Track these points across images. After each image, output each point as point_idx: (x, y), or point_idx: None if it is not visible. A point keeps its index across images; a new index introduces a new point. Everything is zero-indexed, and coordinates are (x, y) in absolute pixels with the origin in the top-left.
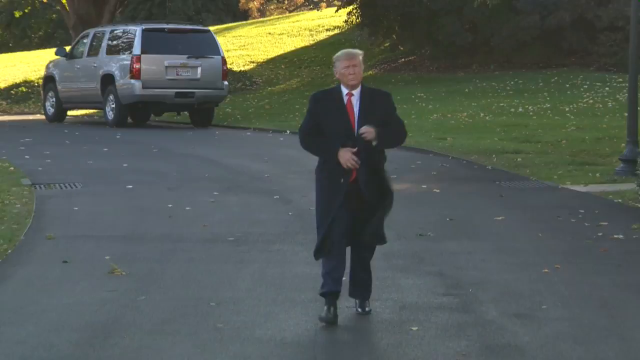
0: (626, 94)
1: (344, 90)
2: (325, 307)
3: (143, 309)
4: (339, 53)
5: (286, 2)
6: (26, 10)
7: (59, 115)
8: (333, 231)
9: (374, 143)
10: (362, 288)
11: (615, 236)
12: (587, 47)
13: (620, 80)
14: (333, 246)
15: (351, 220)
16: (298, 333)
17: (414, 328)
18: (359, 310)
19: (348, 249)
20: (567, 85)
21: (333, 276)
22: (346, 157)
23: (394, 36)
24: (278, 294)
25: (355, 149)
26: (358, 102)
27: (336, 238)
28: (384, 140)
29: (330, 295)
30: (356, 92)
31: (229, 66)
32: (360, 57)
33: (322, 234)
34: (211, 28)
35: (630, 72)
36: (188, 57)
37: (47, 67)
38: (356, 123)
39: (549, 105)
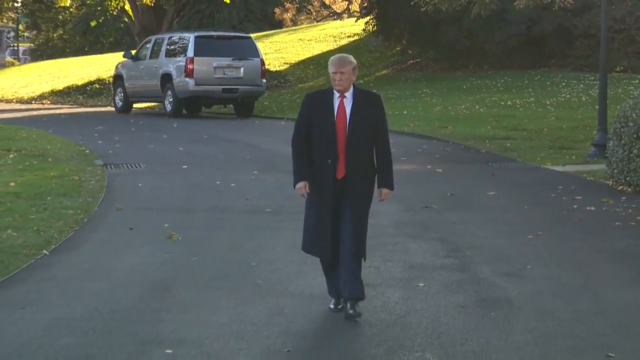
0: (597, 90)
1: (337, 94)
2: (334, 301)
3: (195, 269)
4: (332, 58)
5: (314, 13)
6: (100, 21)
7: (126, 108)
8: (319, 230)
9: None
10: (354, 287)
11: (588, 208)
12: (565, 51)
13: (592, 78)
14: (316, 244)
15: (336, 217)
16: (324, 288)
17: (421, 284)
18: (350, 311)
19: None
20: (548, 83)
21: (332, 285)
22: (300, 188)
23: (403, 42)
24: (307, 256)
25: (305, 188)
26: (350, 104)
27: (322, 236)
28: (392, 181)
29: (336, 298)
30: (348, 95)
31: (266, 67)
32: (350, 66)
33: (307, 232)
34: (252, 35)
35: (600, 72)
36: (233, 59)
37: (117, 67)
38: (347, 123)
39: (533, 100)
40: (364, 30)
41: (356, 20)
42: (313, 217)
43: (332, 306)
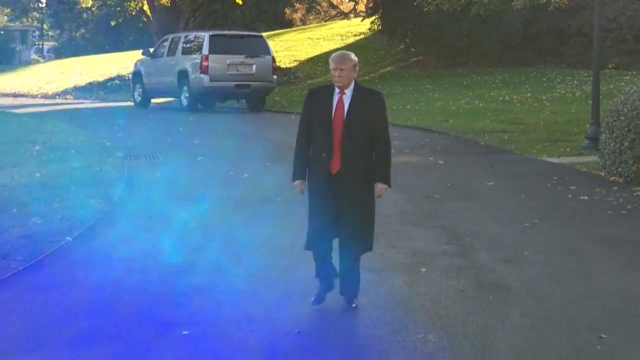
0: (590, 86)
1: (337, 89)
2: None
3: (211, 254)
4: (333, 55)
5: (322, 13)
6: (120, 20)
7: (145, 103)
8: (316, 223)
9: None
10: (348, 284)
11: (582, 197)
12: (560, 49)
13: (586, 75)
14: (315, 237)
15: (335, 212)
16: None
17: (423, 269)
18: (346, 304)
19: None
20: (544, 79)
21: (323, 280)
22: (297, 185)
23: (407, 40)
24: None
25: (301, 186)
26: (349, 100)
27: (319, 230)
28: (389, 178)
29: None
30: (348, 91)
31: (277, 64)
32: (350, 63)
33: (311, 225)
34: (263, 34)
35: (593, 69)
36: (245, 57)
37: (135, 64)
38: (344, 119)
39: (529, 95)
40: (369, 29)
41: (362, 20)
42: (312, 213)
43: (313, 298)
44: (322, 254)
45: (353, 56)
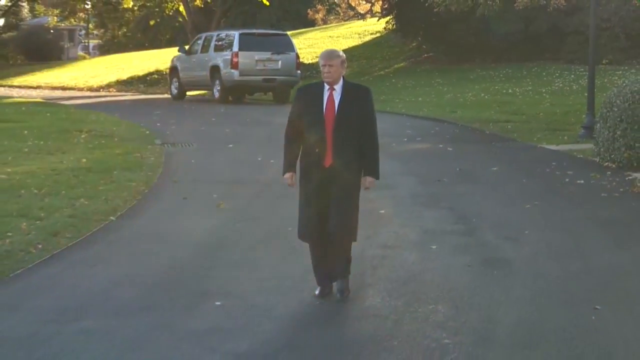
0: (586, 80)
1: (327, 86)
2: (319, 288)
3: (240, 232)
4: (322, 52)
5: (342, 13)
6: (158, 20)
7: (180, 95)
8: (308, 215)
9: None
10: (340, 272)
11: (578, 182)
12: (558, 46)
13: (582, 70)
14: (306, 229)
15: (326, 203)
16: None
17: (433, 247)
18: (338, 295)
19: None
20: (544, 74)
21: (319, 273)
22: (287, 178)
23: (419, 38)
24: None
25: (291, 179)
26: (339, 96)
27: (311, 222)
28: (377, 171)
29: (323, 289)
30: (338, 87)
31: (300, 60)
32: (338, 60)
33: (301, 217)
34: (288, 32)
35: (589, 64)
36: (272, 54)
37: (172, 60)
38: (335, 114)
39: (530, 88)
40: (384, 28)
41: (378, 20)
42: (304, 204)
43: (317, 292)
44: (315, 243)
45: (341, 53)
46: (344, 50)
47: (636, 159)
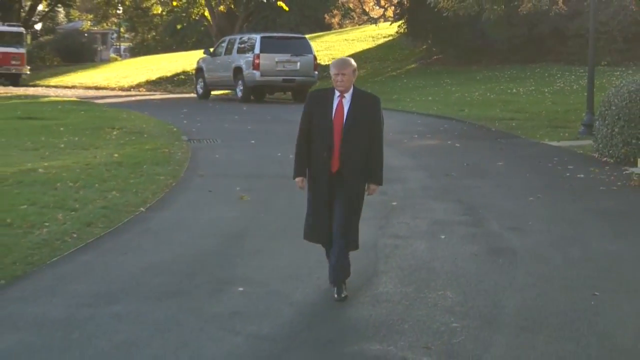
0: (586, 80)
1: (337, 93)
2: (336, 289)
3: (261, 223)
4: (333, 61)
5: (356, 18)
6: (185, 24)
7: (206, 94)
8: (314, 219)
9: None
10: (339, 276)
11: (578, 176)
12: (559, 49)
13: (582, 71)
14: (312, 231)
15: (333, 207)
16: (364, 240)
17: (442, 236)
18: (335, 296)
19: None
20: (546, 75)
21: (332, 265)
22: (297, 182)
23: (429, 41)
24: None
25: (302, 182)
26: (349, 104)
27: (317, 225)
28: (381, 177)
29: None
30: (348, 95)
31: (318, 61)
32: (350, 68)
33: (308, 220)
34: (306, 36)
35: (589, 66)
36: (291, 55)
37: (198, 62)
38: (344, 121)
39: (533, 88)
40: (396, 32)
41: (390, 24)
42: (311, 208)
43: (335, 295)
44: (326, 244)
45: (353, 62)
46: (359, 53)
47: (633, 154)
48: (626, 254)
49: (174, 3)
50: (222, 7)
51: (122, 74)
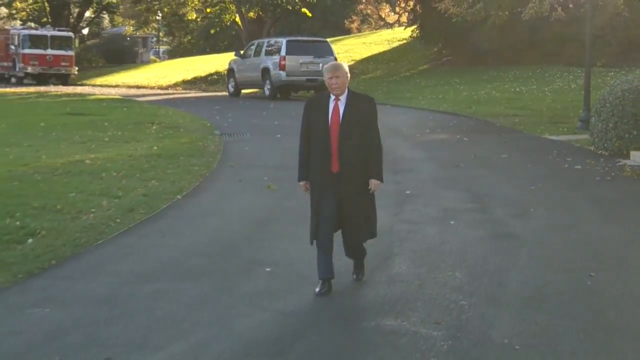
0: (583, 80)
1: (332, 97)
2: (320, 283)
3: (286, 210)
4: (325, 66)
5: (373, 23)
6: (217, 29)
7: (236, 93)
8: (319, 218)
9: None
10: (358, 266)
11: (576, 167)
12: (559, 51)
13: (579, 71)
14: (319, 230)
15: (336, 207)
16: (380, 225)
17: (452, 222)
18: (354, 276)
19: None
20: (546, 75)
21: (324, 264)
22: (301, 185)
23: (439, 44)
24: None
25: (305, 185)
26: (344, 106)
27: (321, 223)
28: (381, 174)
29: (324, 280)
30: (343, 97)
31: None
32: (343, 71)
33: (313, 221)
34: (328, 39)
35: (585, 67)
36: (314, 57)
37: (229, 63)
38: (340, 122)
39: (535, 87)
40: (410, 36)
41: (404, 29)
42: (314, 210)
43: (317, 289)
44: (325, 246)
45: (345, 65)
46: (375, 55)
47: (626, 147)
48: (619, 238)
49: (208, 10)
50: (251, 14)
51: (161, 74)
